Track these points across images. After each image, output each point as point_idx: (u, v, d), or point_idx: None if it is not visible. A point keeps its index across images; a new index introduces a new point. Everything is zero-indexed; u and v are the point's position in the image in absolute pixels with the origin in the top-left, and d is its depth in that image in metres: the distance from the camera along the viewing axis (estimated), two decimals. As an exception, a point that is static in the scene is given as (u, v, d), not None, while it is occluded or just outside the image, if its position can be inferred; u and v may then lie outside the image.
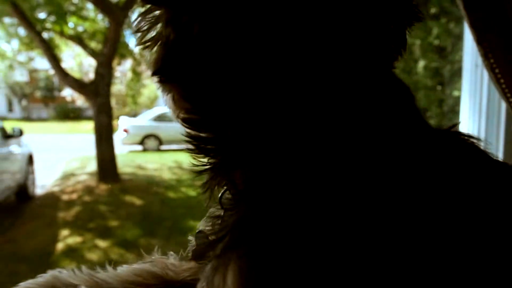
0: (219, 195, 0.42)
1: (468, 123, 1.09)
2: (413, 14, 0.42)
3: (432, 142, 0.35)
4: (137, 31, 0.43)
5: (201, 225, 0.47)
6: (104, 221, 4.88)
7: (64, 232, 4.42)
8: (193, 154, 0.42)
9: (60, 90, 14.60)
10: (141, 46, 0.43)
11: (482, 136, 1.02)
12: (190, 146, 0.42)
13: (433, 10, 5.55)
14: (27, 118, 15.67)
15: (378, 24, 0.38)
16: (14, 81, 14.39)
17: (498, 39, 0.65)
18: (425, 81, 5.94)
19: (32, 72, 14.16)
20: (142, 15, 0.41)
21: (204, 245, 0.39)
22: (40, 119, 15.56)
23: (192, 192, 6.08)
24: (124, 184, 6.20)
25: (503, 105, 1.00)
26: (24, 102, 16.21)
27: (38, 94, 16.05)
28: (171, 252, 0.60)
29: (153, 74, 0.41)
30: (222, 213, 0.40)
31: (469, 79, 1.09)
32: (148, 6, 0.40)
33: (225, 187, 0.41)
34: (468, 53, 1.11)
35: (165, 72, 0.39)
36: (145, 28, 0.42)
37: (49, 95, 15.94)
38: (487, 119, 1.03)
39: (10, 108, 16.46)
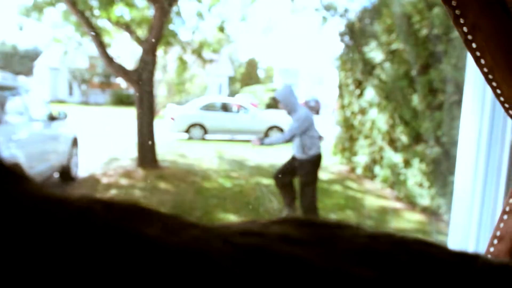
0: None
1: (469, 135, 0.95)
2: None
3: None
4: None
5: None
6: (135, 206, 5.80)
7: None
8: None
9: (116, 76, 14.56)
10: None
11: (484, 150, 0.90)
12: None
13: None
14: (85, 103, 16.30)
15: None
16: (75, 66, 14.73)
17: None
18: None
19: (92, 58, 14.17)
20: None
21: None
22: (97, 104, 16.04)
23: (228, 183, 6.17)
24: (162, 170, 6.39)
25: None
26: (83, 87, 16.70)
27: (97, 80, 16.16)
28: None
29: None
30: None
31: (472, 86, 0.95)
32: None
33: None
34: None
35: None
36: None
37: (106, 81, 15.95)
38: (491, 132, 0.90)
39: (70, 92, 16.96)
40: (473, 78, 0.93)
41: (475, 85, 0.93)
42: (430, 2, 5.19)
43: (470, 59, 0.94)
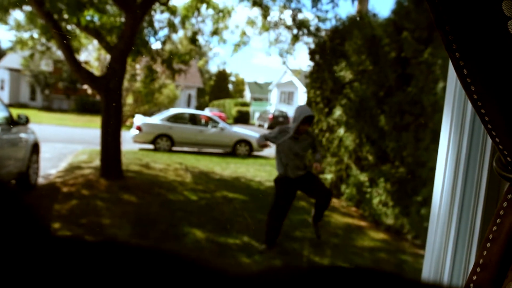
0: None
1: (448, 155, 0.94)
2: None
3: None
4: None
5: None
6: (97, 218, 4.80)
7: (55, 226, 4.38)
8: None
9: (82, 83, 14.29)
10: None
11: (462, 170, 0.90)
12: None
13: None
14: (48, 108, 15.88)
15: None
16: (39, 70, 14.47)
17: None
18: (443, 103, 5.21)
19: (57, 62, 13.96)
20: None
21: None
22: (61, 110, 15.67)
23: (194, 196, 6.05)
24: (126, 181, 6.23)
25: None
26: (46, 92, 16.33)
27: (61, 85, 15.95)
28: None
29: None
30: None
31: (451, 104, 0.94)
32: None
33: None
34: (452, 76, 0.94)
35: None
36: None
37: (72, 87, 15.77)
38: (470, 152, 0.89)
39: (32, 96, 16.56)
40: (452, 101, 0.93)
41: (454, 108, 0.92)
42: (400, 26, 5.33)
43: (451, 81, 0.93)
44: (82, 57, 8.27)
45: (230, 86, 32.13)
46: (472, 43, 0.56)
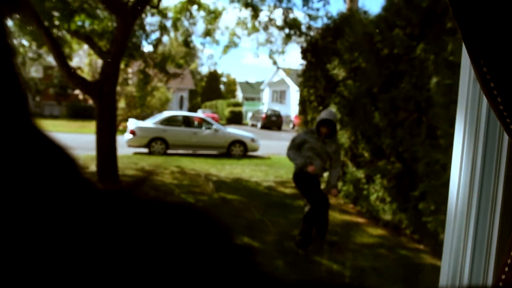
0: None
1: (463, 149, 0.93)
2: None
3: None
4: None
5: None
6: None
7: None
8: None
9: (73, 88, 14.10)
10: None
11: (479, 164, 0.89)
12: None
13: (449, 25, 4.79)
14: (39, 115, 15.00)
15: None
16: (29, 76, 14.29)
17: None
18: (437, 98, 5.37)
19: (47, 69, 13.81)
20: None
21: None
22: (52, 116, 15.50)
23: (191, 199, 6.04)
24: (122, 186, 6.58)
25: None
26: (37, 98, 16.04)
27: (52, 91, 15.80)
28: None
29: None
30: None
31: (466, 96, 0.92)
32: None
33: None
34: (465, 66, 0.92)
35: None
36: None
37: (63, 93, 15.62)
38: (486, 145, 0.88)
39: (23, 103, 16.24)
40: (465, 102, 0.94)
41: (468, 109, 0.93)
42: (391, 23, 5.36)
43: (463, 83, 0.94)
44: (73, 62, 8.21)
45: (222, 87, 32.08)
46: (498, 58, 0.57)
